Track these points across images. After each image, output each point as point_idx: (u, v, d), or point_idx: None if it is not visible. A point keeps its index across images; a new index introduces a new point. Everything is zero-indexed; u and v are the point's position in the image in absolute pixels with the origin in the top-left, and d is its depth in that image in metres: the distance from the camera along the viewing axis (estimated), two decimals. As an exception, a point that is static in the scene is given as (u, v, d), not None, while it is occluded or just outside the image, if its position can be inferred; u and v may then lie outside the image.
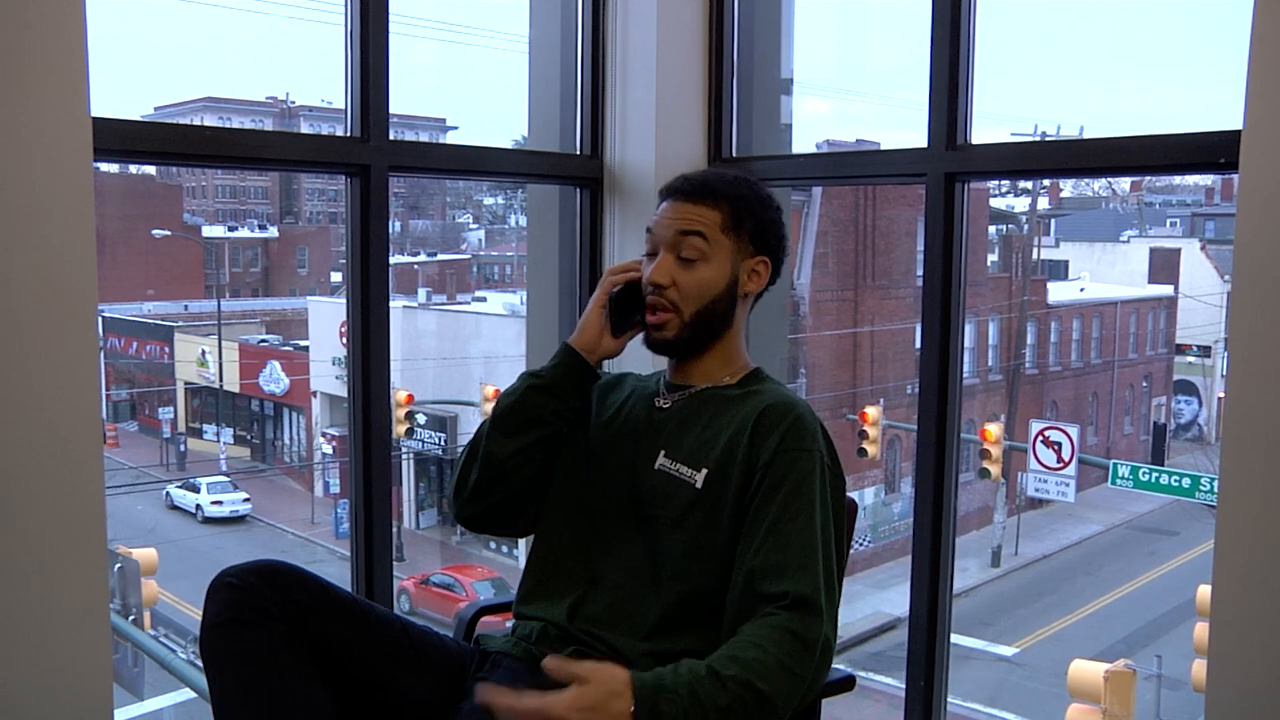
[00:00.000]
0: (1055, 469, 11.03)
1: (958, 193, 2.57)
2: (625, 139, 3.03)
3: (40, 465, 1.95)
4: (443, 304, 16.63)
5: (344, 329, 2.70)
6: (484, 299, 16.84)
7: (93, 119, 1.97)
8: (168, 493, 14.83)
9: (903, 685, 2.71)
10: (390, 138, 2.60)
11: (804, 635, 1.43)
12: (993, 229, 16.15)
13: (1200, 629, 6.02)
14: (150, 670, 6.97)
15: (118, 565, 6.98)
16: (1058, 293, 16.08)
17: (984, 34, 2.59)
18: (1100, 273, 17.34)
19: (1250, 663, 1.98)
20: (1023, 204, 16.55)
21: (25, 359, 1.93)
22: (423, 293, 16.79)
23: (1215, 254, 15.96)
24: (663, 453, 1.65)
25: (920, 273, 2.65)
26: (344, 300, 2.65)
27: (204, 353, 16.19)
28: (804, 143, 3.75)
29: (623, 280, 1.75)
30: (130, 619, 7.03)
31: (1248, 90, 1.93)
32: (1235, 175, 1.99)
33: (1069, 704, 6.81)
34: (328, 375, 13.99)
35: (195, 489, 14.66)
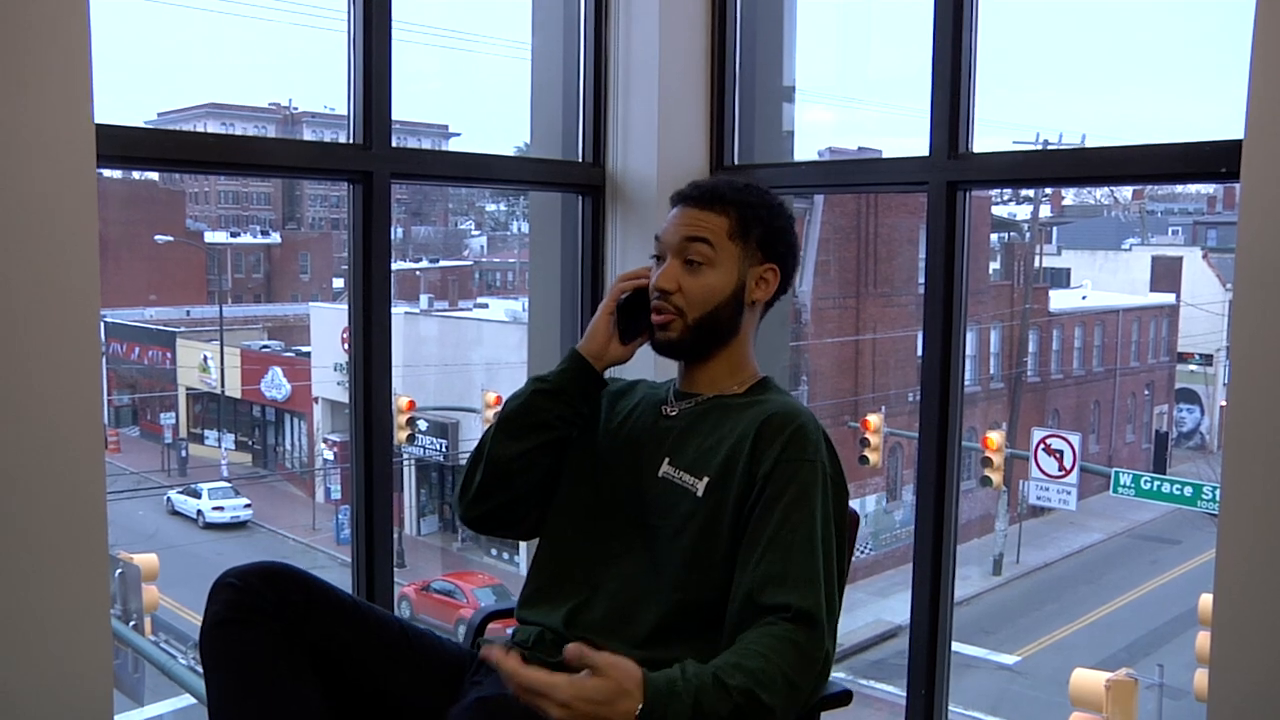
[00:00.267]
0: (1057, 477, 11.02)
1: (959, 201, 2.57)
2: (627, 146, 3.03)
3: (41, 470, 1.95)
4: (445, 310, 16.65)
5: (346, 335, 2.71)
6: (486, 305, 16.85)
7: (96, 126, 1.97)
8: (169, 498, 14.82)
9: (904, 693, 2.71)
10: (393, 145, 2.60)
11: (806, 648, 1.43)
12: (995, 237, 16.15)
13: (1202, 638, 6.01)
14: (150, 676, 6.97)
15: (118, 570, 6.98)
16: (1060, 300, 16.07)
17: (986, 42, 2.59)
18: (1102, 280, 17.34)
19: (1251, 672, 1.98)
20: (1025, 212, 16.56)
21: (27, 363, 1.93)
22: (425, 299, 16.80)
23: (1217, 262, 15.95)
24: (666, 460, 1.65)
25: (922, 280, 2.65)
26: (346, 306, 2.66)
27: (206, 358, 16.20)
28: (806, 150, 3.75)
29: (631, 287, 1.75)
30: (131, 624, 7.03)
31: (1249, 100, 1.94)
32: (1237, 184, 2.00)
33: (1070, 713, 6.79)
34: (329, 381, 13.98)
35: (196, 494, 14.65)
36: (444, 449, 14.58)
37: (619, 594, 1.63)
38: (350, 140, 2.59)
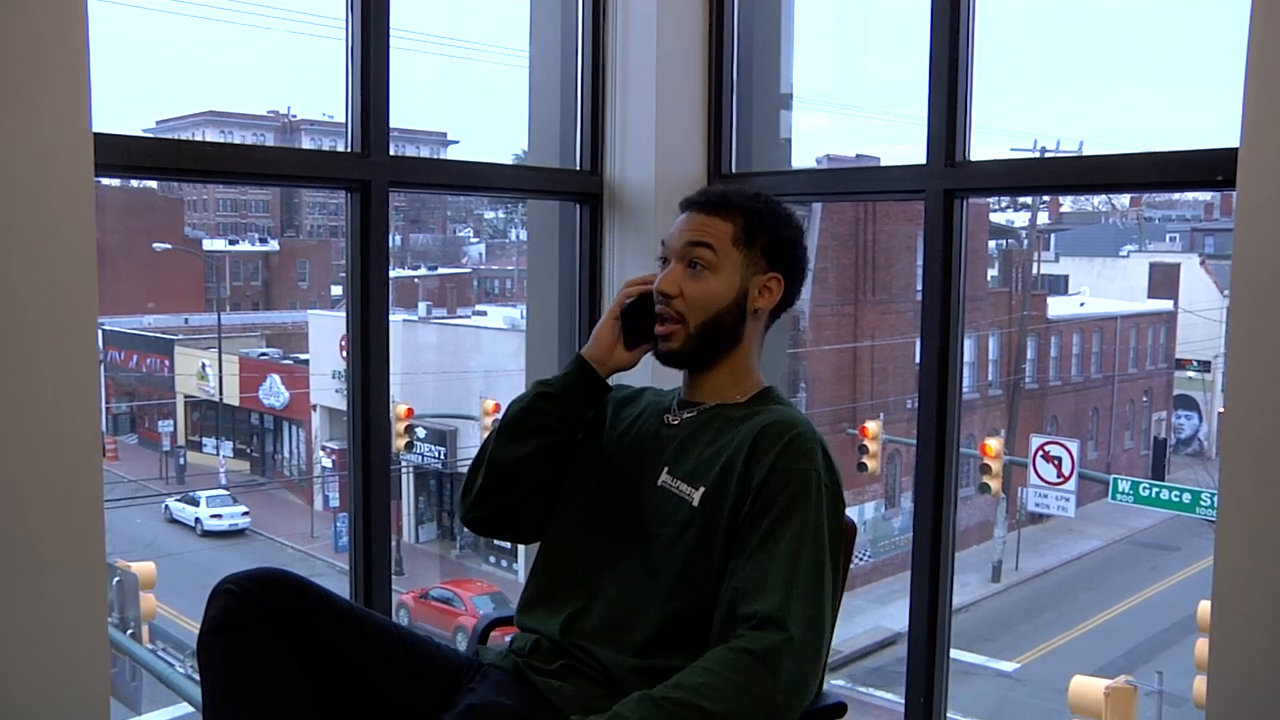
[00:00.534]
0: (1055, 484, 11.02)
1: (956, 209, 2.57)
2: (625, 155, 3.04)
3: (39, 477, 1.95)
4: (443, 318, 16.63)
5: (344, 342, 2.71)
6: (484, 313, 16.82)
7: (94, 135, 1.98)
8: (167, 506, 14.79)
9: (902, 701, 2.71)
10: (391, 153, 2.61)
11: (759, 651, 1.43)
12: (993, 244, 16.15)
13: (1201, 644, 6.00)
14: (148, 684, 6.95)
15: (116, 579, 6.98)
16: (1058, 307, 16.07)
17: (983, 50, 2.60)
18: (1100, 287, 17.34)
19: (1249, 678, 1.98)
20: (1022, 219, 16.56)
21: (25, 371, 1.93)
22: (423, 306, 16.78)
23: (1215, 269, 15.95)
24: (666, 469, 1.66)
25: (920, 287, 2.66)
26: (344, 314, 2.66)
27: (204, 366, 16.18)
28: (804, 158, 3.76)
29: (637, 293, 1.75)
30: (128, 633, 7.02)
31: (1244, 108, 1.95)
32: (1233, 192, 2.00)
33: (1070, 720, 6.79)
34: (328, 389, 13.97)
35: (195, 502, 14.62)
36: (442, 456, 14.57)
37: (616, 601, 1.63)
38: (348, 148, 2.59)
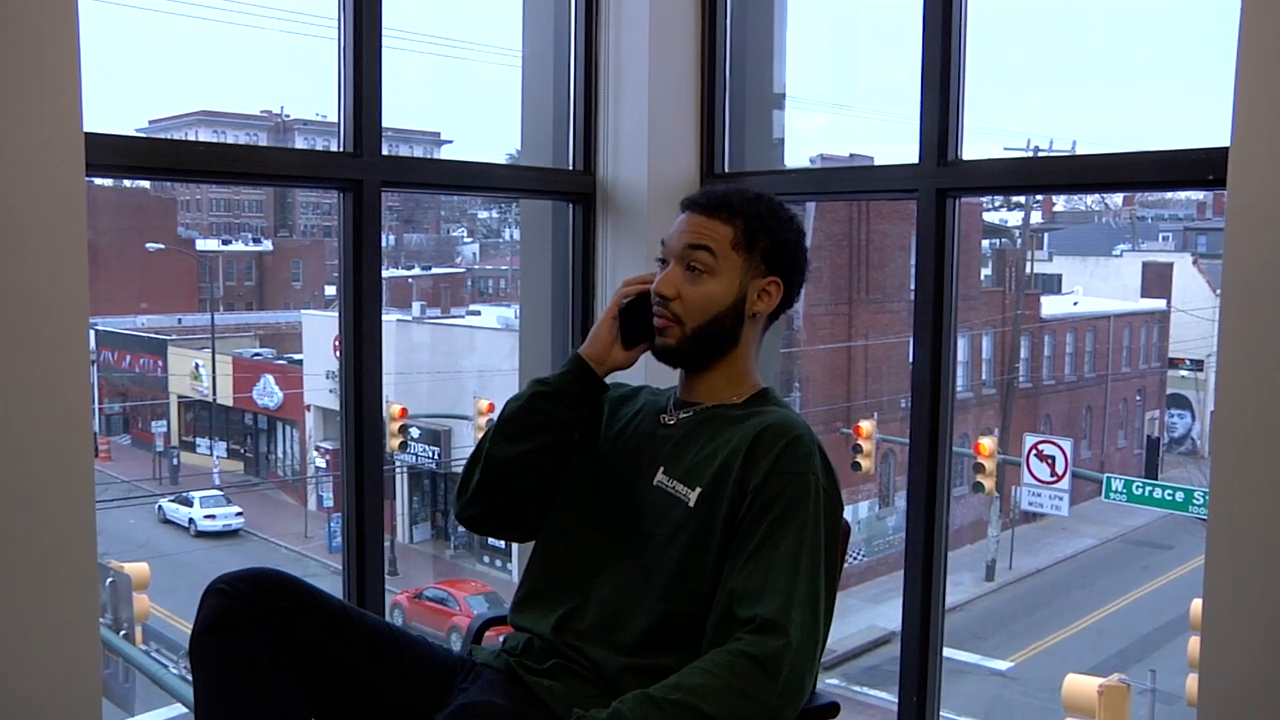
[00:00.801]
0: (1049, 483, 11.04)
1: (949, 209, 2.58)
2: (618, 154, 3.03)
3: (31, 478, 1.94)
4: (437, 317, 16.61)
5: (337, 342, 2.71)
6: (478, 313, 16.81)
7: (86, 134, 1.97)
8: (160, 506, 14.76)
9: (895, 700, 2.71)
10: (383, 153, 2.60)
11: (760, 655, 1.42)
12: (986, 243, 16.17)
13: (1194, 643, 6.02)
14: (141, 685, 6.94)
15: (109, 579, 6.96)
16: (1051, 306, 16.11)
17: (976, 49, 2.60)
18: (1093, 286, 17.38)
19: (1242, 676, 1.99)
20: (1016, 218, 16.59)
21: (16, 372, 1.93)
22: (416, 306, 16.77)
23: (1207, 268, 16.00)
24: (661, 469, 1.65)
25: (914, 286, 2.66)
26: (338, 314, 2.66)
27: (197, 366, 16.14)
28: (797, 157, 3.76)
29: (635, 292, 1.75)
30: (121, 633, 7.00)
31: (1235, 107, 1.95)
32: (1224, 191, 2.01)
33: (1063, 718, 6.80)
34: (321, 389, 13.94)
35: (188, 503, 14.59)
36: (436, 456, 14.55)
37: (609, 601, 1.63)
38: (341, 148, 2.59)
